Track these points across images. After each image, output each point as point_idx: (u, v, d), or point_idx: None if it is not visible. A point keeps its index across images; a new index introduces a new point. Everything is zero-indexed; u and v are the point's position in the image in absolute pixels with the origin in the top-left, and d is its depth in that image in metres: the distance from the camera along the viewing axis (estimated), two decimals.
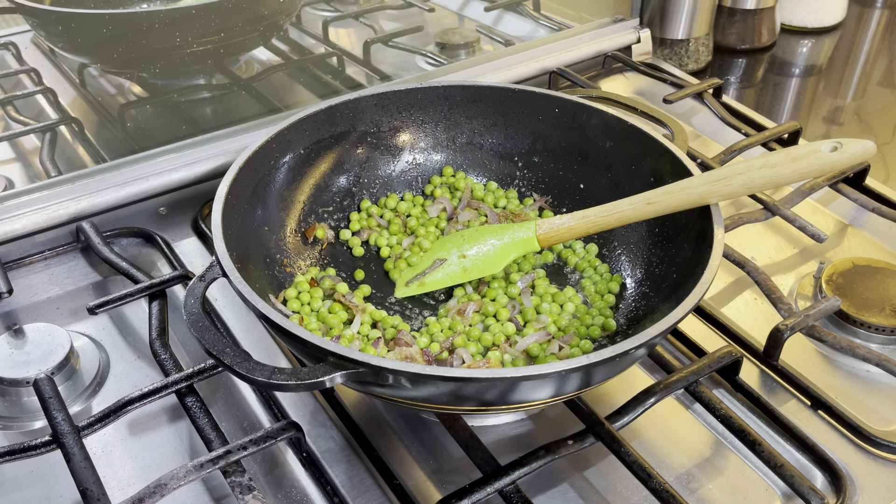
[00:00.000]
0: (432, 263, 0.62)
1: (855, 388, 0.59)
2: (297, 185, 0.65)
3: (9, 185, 0.77)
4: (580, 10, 1.09)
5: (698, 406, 0.56)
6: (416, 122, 0.70)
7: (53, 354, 0.57)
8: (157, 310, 0.60)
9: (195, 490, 0.51)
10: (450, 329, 0.58)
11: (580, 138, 0.67)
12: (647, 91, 0.95)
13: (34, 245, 0.69)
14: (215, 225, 0.53)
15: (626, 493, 0.51)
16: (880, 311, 0.62)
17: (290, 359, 0.59)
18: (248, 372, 0.43)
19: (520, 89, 0.69)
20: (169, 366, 0.56)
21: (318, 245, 0.65)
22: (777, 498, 0.51)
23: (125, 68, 0.94)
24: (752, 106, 0.96)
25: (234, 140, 0.77)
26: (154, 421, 0.56)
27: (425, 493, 0.50)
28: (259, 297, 0.47)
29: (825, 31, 1.18)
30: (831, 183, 0.75)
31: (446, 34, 1.05)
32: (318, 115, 0.65)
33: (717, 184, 0.54)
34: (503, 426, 0.55)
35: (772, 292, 0.62)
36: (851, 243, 0.73)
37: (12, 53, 0.99)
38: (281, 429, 0.50)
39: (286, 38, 1.07)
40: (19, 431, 0.55)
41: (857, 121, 0.98)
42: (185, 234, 0.72)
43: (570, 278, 0.64)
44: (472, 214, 0.68)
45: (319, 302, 0.59)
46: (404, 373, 0.42)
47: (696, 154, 0.76)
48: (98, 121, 0.91)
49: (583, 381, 0.46)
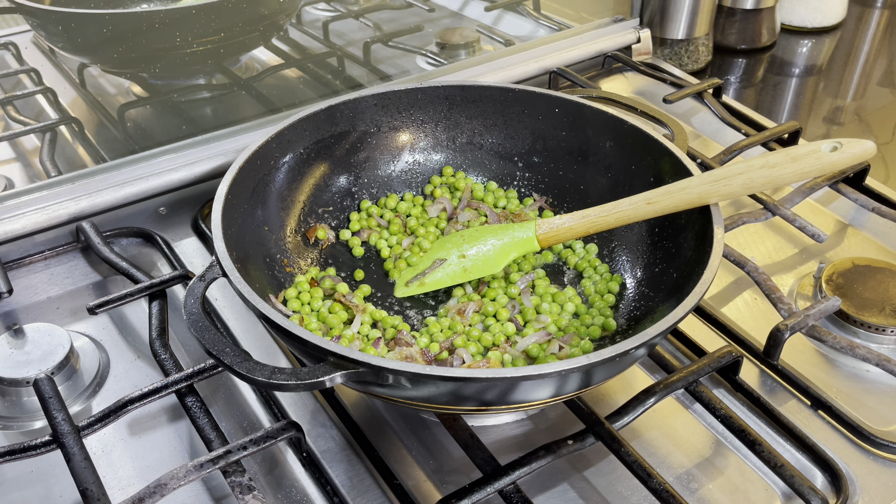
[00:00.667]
0: (432, 263, 0.62)
1: (855, 388, 0.59)
2: (297, 185, 0.65)
3: (9, 185, 0.77)
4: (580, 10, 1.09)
5: (698, 406, 0.56)
6: (416, 122, 0.70)
7: (53, 354, 0.57)
8: (157, 310, 0.60)
9: (195, 490, 0.51)
10: (450, 329, 0.58)
11: (580, 138, 0.67)
12: (647, 91, 0.95)
13: (34, 245, 0.69)
14: (215, 225, 0.53)
15: (626, 493, 0.51)
16: (880, 311, 0.62)
17: (290, 359, 0.59)
18: (248, 372, 0.43)
19: (520, 89, 0.69)
20: (169, 366, 0.56)
21: (318, 245, 0.65)
22: (777, 498, 0.51)
23: (125, 68, 0.94)
24: (752, 106, 0.96)
25: (234, 140, 0.77)
26: (154, 421, 0.56)
27: (425, 493, 0.50)
28: (259, 297, 0.47)
29: (825, 31, 1.18)
30: (831, 183, 0.75)
31: (446, 34, 1.05)
32: (318, 115, 0.65)
33: (716, 184, 0.54)
34: (503, 426, 0.55)
35: (772, 292, 0.62)
36: (851, 243, 0.73)
37: (12, 53, 0.99)
38: (281, 429, 0.50)
39: (286, 38, 1.07)
40: (19, 431, 0.55)
41: (857, 121, 0.98)
42: (185, 234, 0.72)
43: (570, 278, 0.64)
44: (472, 214, 0.68)
45: (319, 302, 0.59)
46: (404, 373, 0.42)
47: (696, 154, 0.76)
48: (98, 121, 0.91)
49: (583, 381, 0.46)
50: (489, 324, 0.58)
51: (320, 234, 0.65)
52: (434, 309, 0.62)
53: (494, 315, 0.59)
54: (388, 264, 0.65)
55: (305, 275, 0.61)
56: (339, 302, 0.59)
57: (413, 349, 0.54)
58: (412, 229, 0.68)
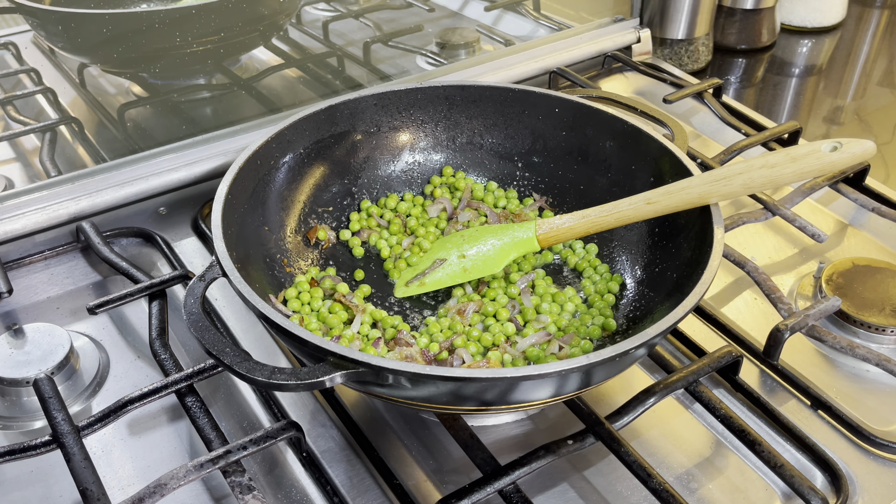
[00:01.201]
0: (432, 263, 0.62)
1: (855, 388, 0.59)
2: (297, 185, 0.65)
3: (9, 185, 0.77)
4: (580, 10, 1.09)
5: (698, 406, 0.56)
6: (416, 122, 0.70)
7: (53, 354, 0.57)
8: (157, 310, 0.60)
9: (195, 490, 0.51)
10: (450, 329, 0.58)
11: (580, 138, 0.67)
12: (647, 91, 0.95)
13: (34, 245, 0.69)
14: (215, 225, 0.53)
15: (626, 493, 0.51)
16: (880, 311, 0.62)
17: (290, 359, 0.59)
18: (248, 372, 0.43)
19: (520, 89, 0.69)
20: (169, 366, 0.56)
21: (318, 245, 0.65)
22: (777, 498, 0.51)
23: (125, 68, 0.94)
24: (752, 106, 0.96)
25: (234, 140, 0.77)
26: (154, 421, 0.56)
27: (425, 493, 0.50)
28: (259, 297, 0.47)
29: (825, 31, 1.18)
30: (831, 183, 0.75)
31: (446, 34, 1.05)
32: (318, 115, 0.65)
33: (716, 184, 0.54)
34: (503, 426, 0.55)
35: (772, 292, 0.62)
36: (851, 243, 0.73)
37: (12, 53, 0.99)
38: (281, 429, 0.50)
39: (286, 38, 1.07)
40: (19, 431, 0.55)
41: (857, 121, 0.98)
42: (185, 234, 0.72)
43: (569, 278, 0.64)
44: (472, 214, 0.68)
45: (319, 302, 0.59)
46: (404, 373, 0.42)
47: (696, 154, 0.76)
48: (98, 121, 0.91)
49: (583, 381, 0.46)
50: (489, 324, 0.58)
51: (321, 234, 0.65)
52: (434, 309, 0.62)
53: (494, 315, 0.59)
54: (388, 264, 0.65)
55: (305, 275, 0.61)
56: (339, 302, 0.59)
57: (413, 349, 0.54)
58: (412, 229, 0.68)
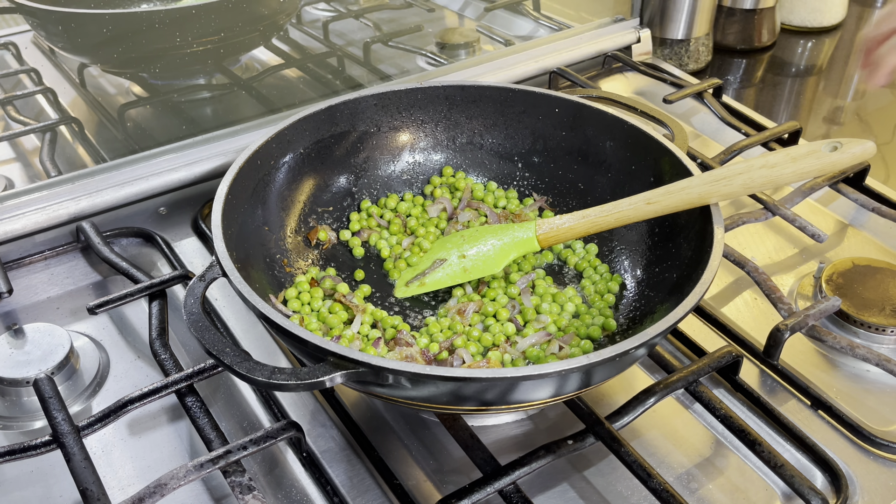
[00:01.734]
0: (432, 263, 0.62)
1: (855, 388, 0.59)
2: (297, 185, 0.65)
3: (9, 185, 0.77)
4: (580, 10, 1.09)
5: (698, 406, 0.56)
6: (416, 122, 0.70)
7: (53, 354, 0.57)
8: (157, 310, 0.60)
9: (195, 490, 0.51)
10: (449, 329, 0.58)
11: (580, 138, 0.67)
12: (647, 91, 0.95)
13: (34, 245, 0.69)
14: (215, 225, 0.53)
15: (626, 493, 0.51)
16: (880, 311, 0.62)
17: (290, 359, 0.59)
18: (248, 372, 0.43)
19: (520, 89, 0.69)
20: (169, 366, 0.56)
21: (318, 245, 0.65)
22: (777, 498, 0.51)
23: (125, 68, 0.94)
24: (751, 106, 0.96)
25: (234, 140, 0.77)
26: (154, 421, 0.56)
27: (425, 493, 0.50)
28: (259, 297, 0.47)
29: (825, 31, 1.18)
30: (831, 183, 0.75)
31: (446, 34, 1.05)
32: (318, 115, 0.65)
33: (716, 184, 0.54)
34: (503, 426, 0.55)
35: (772, 292, 0.62)
36: (851, 243, 0.73)
37: (12, 53, 0.99)
38: (281, 429, 0.50)
39: (286, 38, 1.07)
40: (19, 431, 0.55)
41: (857, 121, 0.98)
42: (185, 234, 0.72)
43: (569, 278, 0.64)
44: (472, 214, 0.68)
45: (319, 302, 0.59)
46: (404, 373, 0.42)
47: (696, 154, 0.76)
48: (98, 121, 0.91)
49: (583, 380, 0.46)
50: (489, 324, 0.58)
51: (321, 235, 0.65)
52: (434, 309, 0.62)
53: (494, 315, 0.59)
54: (388, 264, 0.65)
55: (305, 275, 0.61)
56: (339, 302, 0.59)
57: (413, 349, 0.54)
58: (412, 229, 0.68)
